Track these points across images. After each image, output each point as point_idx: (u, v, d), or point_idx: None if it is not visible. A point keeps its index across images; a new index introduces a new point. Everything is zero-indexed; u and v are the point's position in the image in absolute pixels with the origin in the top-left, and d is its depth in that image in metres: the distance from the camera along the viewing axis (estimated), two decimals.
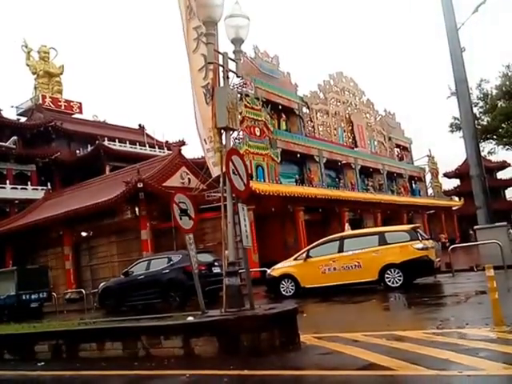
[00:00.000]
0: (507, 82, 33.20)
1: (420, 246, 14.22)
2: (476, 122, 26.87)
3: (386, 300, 12.85)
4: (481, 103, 35.07)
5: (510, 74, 33.42)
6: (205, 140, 8.18)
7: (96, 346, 7.81)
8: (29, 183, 42.97)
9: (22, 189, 41.99)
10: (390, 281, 14.08)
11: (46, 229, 31.06)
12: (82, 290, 23.95)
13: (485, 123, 34.61)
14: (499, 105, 33.93)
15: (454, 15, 18.52)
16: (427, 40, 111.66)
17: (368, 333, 7.55)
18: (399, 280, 13.97)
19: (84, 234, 29.90)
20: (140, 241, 27.00)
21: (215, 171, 8.28)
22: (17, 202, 40.95)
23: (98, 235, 29.49)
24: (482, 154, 28.06)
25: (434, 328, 7.63)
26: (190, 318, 7.47)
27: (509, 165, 62.10)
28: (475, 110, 31.36)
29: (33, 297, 22.95)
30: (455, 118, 34.25)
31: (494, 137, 35.14)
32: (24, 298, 22.63)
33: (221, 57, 7.78)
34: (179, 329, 7.14)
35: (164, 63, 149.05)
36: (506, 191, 65.53)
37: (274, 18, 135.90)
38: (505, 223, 18.24)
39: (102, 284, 20.92)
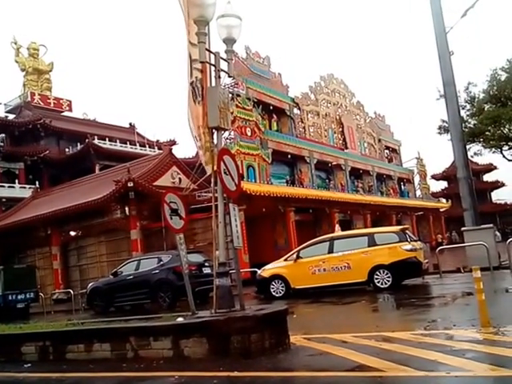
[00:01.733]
0: (494, 86, 33.49)
1: (408, 247, 14.32)
2: (463, 124, 27.07)
3: (375, 301, 12.91)
4: (468, 106, 35.40)
5: (497, 78, 33.72)
6: (195, 137, 8.18)
7: (84, 347, 7.74)
8: (16, 181, 42.62)
9: (9, 187, 41.61)
10: (378, 282, 14.17)
11: (33, 228, 30.86)
12: (70, 291, 23.82)
13: (472, 126, 34.89)
14: (486, 108, 34.23)
15: (442, 19, 18.66)
16: (417, 43, 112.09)
17: (357, 334, 7.60)
18: (388, 281, 14.07)
19: (73, 233, 29.74)
20: (130, 241, 26.90)
21: (207, 169, 8.30)
22: (4, 200, 40.61)
23: (86, 235, 29.34)
24: (469, 154, 28.26)
25: (422, 329, 7.71)
26: (180, 319, 7.44)
27: (495, 167, 62.56)
28: (463, 112, 31.65)
29: (19, 297, 22.71)
30: (443, 121, 34.55)
31: (481, 139, 35.45)
32: (10, 298, 22.39)
33: (212, 56, 7.74)
34: (169, 330, 7.08)
35: (154, 62, 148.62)
36: (492, 193, 66.00)
37: (265, 19, 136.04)
38: (491, 225, 18.41)
39: (90, 284, 20.78)
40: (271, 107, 31.18)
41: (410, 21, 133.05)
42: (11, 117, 49.45)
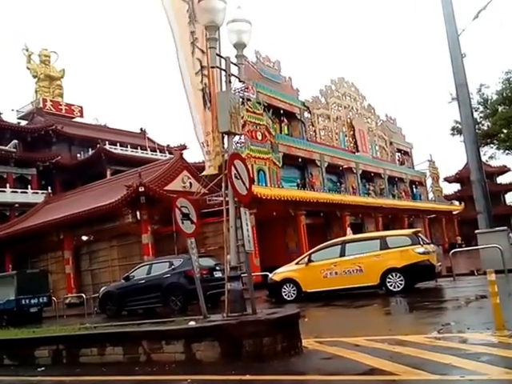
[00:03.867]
0: (508, 88, 33.21)
1: (421, 250, 14.21)
2: (476, 126, 26.86)
3: (387, 304, 12.81)
4: (481, 108, 35.09)
5: (510, 79, 33.43)
6: (202, 143, 8.21)
7: (97, 351, 7.76)
8: (29, 187, 42.96)
9: (22, 192, 41.97)
10: (391, 285, 14.06)
11: (46, 233, 31.02)
12: (83, 295, 23.86)
13: (485, 128, 34.62)
14: (500, 110, 33.94)
15: (454, 21, 18.58)
16: (429, 44, 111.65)
17: (370, 337, 7.52)
18: (400, 284, 13.95)
19: (85, 238, 29.84)
20: (141, 245, 26.96)
21: (208, 171, 8.40)
22: (17, 205, 40.96)
23: (98, 239, 29.43)
24: (483, 158, 28.08)
25: (436, 332, 7.61)
26: (192, 323, 7.43)
27: (509, 169, 62.08)
28: (476, 114, 31.37)
29: (32, 301, 22.74)
30: (456, 122, 34.28)
31: (495, 141, 35.15)
32: (24, 302, 22.43)
33: (223, 61, 7.76)
34: (181, 333, 7.08)
35: (165, 67, 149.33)
36: (506, 196, 65.43)
37: (275, 23, 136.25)
38: (505, 228, 18.21)
39: (102, 288, 20.84)
40: (282, 111, 31.16)
41: (422, 23, 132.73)
42: (23, 123, 49.90)
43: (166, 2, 8.23)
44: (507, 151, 36.80)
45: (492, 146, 35.92)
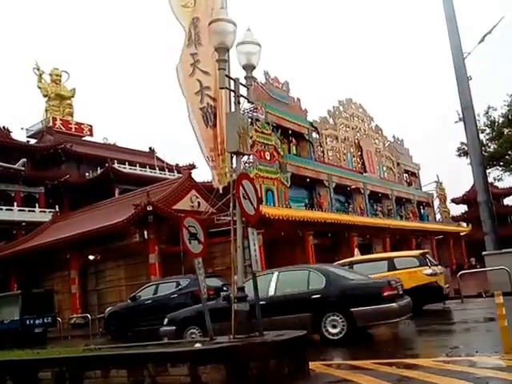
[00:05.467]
0: None
1: (429, 271, 14.14)
2: (483, 148, 26.85)
3: (395, 326, 12.67)
4: (488, 130, 35.08)
5: None
6: (207, 158, 8.34)
7: (101, 373, 7.58)
8: (37, 205, 43.03)
9: (29, 211, 42.00)
10: None
11: (52, 252, 30.90)
12: (88, 315, 23.76)
13: (492, 150, 34.58)
14: (505, 132, 33.94)
15: (460, 44, 18.71)
16: (436, 65, 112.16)
17: (378, 360, 7.47)
18: None
19: (91, 257, 29.76)
20: (148, 265, 26.82)
21: (218, 187, 8.66)
22: (24, 224, 40.90)
23: (105, 259, 29.35)
24: (489, 179, 28.00)
25: (444, 356, 7.54)
26: (198, 345, 7.33)
27: None
28: (482, 136, 31.41)
29: (37, 322, 22.53)
30: (462, 144, 34.28)
31: (501, 163, 35.08)
32: (28, 322, 22.24)
33: (232, 81, 7.86)
34: (187, 356, 6.93)
35: (173, 87, 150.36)
36: None
37: (284, 45, 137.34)
38: None
39: (108, 309, 20.75)
40: (290, 131, 31.21)
41: (429, 43, 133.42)
42: (33, 141, 50.22)
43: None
44: None
45: (498, 167, 35.84)
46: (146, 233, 26.47)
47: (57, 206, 43.28)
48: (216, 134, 8.23)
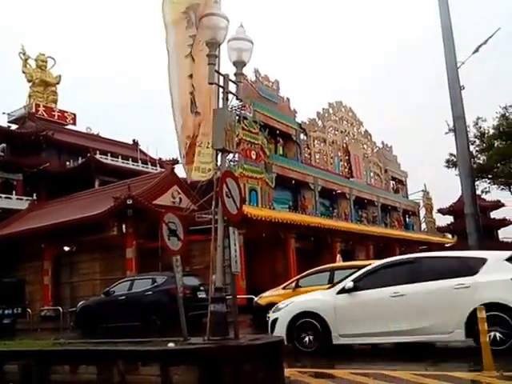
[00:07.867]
0: (504, 123, 33.08)
1: None
2: (472, 160, 26.52)
3: None
4: (477, 141, 34.92)
5: (507, 114, 33.33)
6: (180, 143, 8.23)
7: (69, 368, 7.22)
8: (14, 192, 41.96)
9: (6, 198, 40.93)
10: None
11: (26, 241, 30.18)
12: (59, 308, 23.27)
13: (481, 162, 34.43)
14: (496, 144, 33.80)
15: (455, 54, 18.40)
16: (428, 74, 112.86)
17: (355, 370, 7.37)
18: None
19: (66, 248, 29.11)
20: (124, 259, 26.27)
21: (189, 176, 8.56)
22: (0, 211, 39.96)
23: (80, 251, 28.70)
24: (477, 191, 27.72)
25: (424, 370, 7.42)
26: (171, 345, 6.99)
27: (503, 205, 61.68)
28: (472, 148, 31.15)
29: (6, 312, 21.85)
30: (451, 155, 34.06)
31: (489, 176, 34.95)
32: None
33: (221, 78, 7.69)
34: (158, 355, 6.64)
35: (161, 78, 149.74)
36: (499, 231, 65.15)
37: (276, 44, 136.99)
38: None
39: (80, 303, 20.40)
40: (278, 131, 30.87)
41: (423, 49, 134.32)
42: (14, 127, 49.15)
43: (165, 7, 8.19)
44: (502, 186, 36.56)
45: (487, 180, 35.71)
46: (124, 226, 25.98)
47: (34, 194, 42.18)
48: (197, 124, 8.14)
